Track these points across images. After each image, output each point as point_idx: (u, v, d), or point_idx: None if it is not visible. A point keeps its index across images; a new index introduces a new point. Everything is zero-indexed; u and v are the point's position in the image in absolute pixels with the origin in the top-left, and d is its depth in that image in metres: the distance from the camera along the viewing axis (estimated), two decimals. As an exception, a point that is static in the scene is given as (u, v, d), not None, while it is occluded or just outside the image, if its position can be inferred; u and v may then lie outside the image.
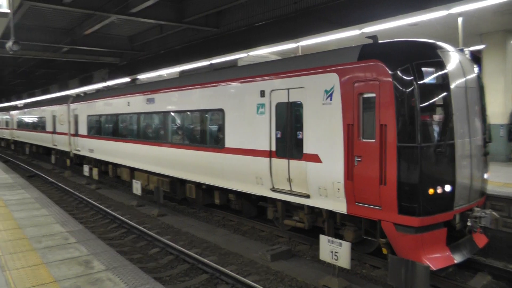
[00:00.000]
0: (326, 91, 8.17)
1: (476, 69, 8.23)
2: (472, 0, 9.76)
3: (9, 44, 7.89)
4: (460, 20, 11.18)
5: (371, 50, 7.71)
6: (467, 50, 10.98)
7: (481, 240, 7.97)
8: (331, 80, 8.06)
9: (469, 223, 7.35)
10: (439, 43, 7.77)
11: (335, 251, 7.29)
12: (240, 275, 8.03)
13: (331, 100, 8.07)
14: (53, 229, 8.05)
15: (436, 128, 7.16)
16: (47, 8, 17.70)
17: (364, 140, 7.49)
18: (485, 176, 8.15)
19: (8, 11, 5.31)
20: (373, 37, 8.30)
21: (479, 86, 8.08)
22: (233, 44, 19.41)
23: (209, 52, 20.63)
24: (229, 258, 9.36)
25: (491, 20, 13.28)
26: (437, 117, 7.20)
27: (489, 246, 8.94)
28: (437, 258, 7.00)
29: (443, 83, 7.22)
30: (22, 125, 33.08)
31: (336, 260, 7.30)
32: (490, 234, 9.03)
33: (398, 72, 7.02)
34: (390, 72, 7.08)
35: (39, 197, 11.49)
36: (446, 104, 7.17)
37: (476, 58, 15.57)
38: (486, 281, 7.69)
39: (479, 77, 8.18)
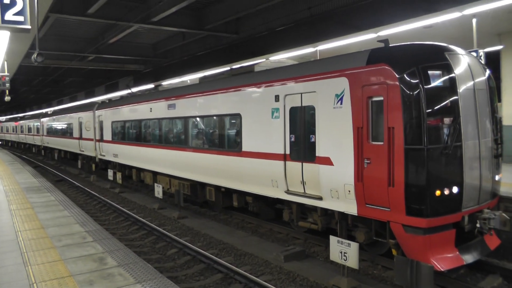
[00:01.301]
0: (337, 95, 8.34)
1: (487, 72, 8.25)
2: (482, 2, 9.76)
3: (34, 55, 8.42)
4: (474, 21, 11.16)
5: (379, 54, 7.85)
6: (481, 52, 11.00)
7: (493, 242, 7.97)
8: (341, 84, 8.22)
9: (478, 225, 7.37)
10: (447, 46, 7.83)
11: (344, 251, 7.45)
12: (253, 275, 8.26)
13: (341, 104, 8.23)
14: (73, 229, 8.54)
15: (442, 130, 7.20)
16: (72, 19, 18.41)
17: (373, 142, 7.62)
18: (497, 177, 8.14)
19: (29, 27, 5.71)
20: (385, 41, 8.43)
21: (490, 88, 8.10)
22: (252, 50, 19.73)
23: (230, 58, 21.01)
24: (244, 258, 9.61)
25: (507, 20, 13.12)
26: (443, 119, 7.24)
27: (504, 248, 8.92)
28: (446, 259, 7.06)
29: (450, 85, 7.29)
30: (51, 132, 34.10)
31: (345, 260, 7.45)
32: (505, 237, 8.99)
33: (405, 76, 7.14)
34: (397, 75, 7.21)
35: (62, 200, 12.06)
36: (453, 106, 7.23)
37: (495, 58, 15.42)
38: (497, 283, 7.67)
39: (490, 79, 8.20)
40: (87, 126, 24.05)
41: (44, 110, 51.84)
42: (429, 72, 7.19)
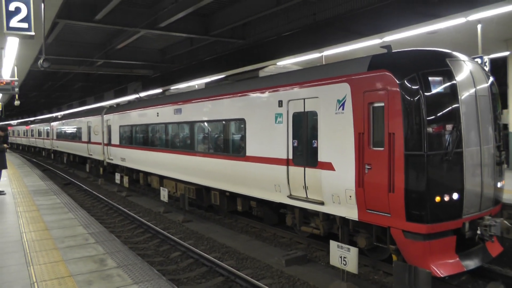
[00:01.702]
0: (339, 101, 8.38)
1: (490, 78, 8.24)
2: (486, 8, 9.76)
3: (40, 61, 8.58)
4: (479, 27, 11.14)
5: (380, 60, 7.89)
6: (486, 58, 10.98)
7: (495, 249, 7.92)
8: (343, 90, 8.26)
9: (478, 232, 7.34)
10: (449, 52, 7.84)
11: (343, 256, 7.46)
12: (254, 278, 8.30)
13: (343, 109, 8.27)
14: (76, 231, 8.73)
15: (443, 137, 7.20)
16: (80, 25, 18.67)
17: (373, 148, 7.64)
18: (499, 184, 8.10)
19: (33, 33, 5.84)
20: (387, 46, 8.47)
21: (493, 95, 8.08)
22: (258, 55, 19.86)
23: (237, 63, 21.15)
24: (246, 262, 9.64)
25: (513, 26, 13.11)
26: (444, 125, 7.23)
27: (508, 255, 8.86)
28: (446, 265, 7.05)
29: (451, 91, 7.29)
30: (61, 136, 34.38)
31: (345, 265, 7.46)
32: (508, 244, 8.93)
33: (405, 82, 7.17)
34: (397, 81, 7.23)
35: (68, 202, 12.26)
36: (454, 113, 7.23)
37: (502, 64, 15.36)
38: (498, 289, 7.65)
39: (492, 85, 8.19)
40: (96, 130, 24.26)
41: (54, 114, 52.32)
42: (430, 78, 7.19)
